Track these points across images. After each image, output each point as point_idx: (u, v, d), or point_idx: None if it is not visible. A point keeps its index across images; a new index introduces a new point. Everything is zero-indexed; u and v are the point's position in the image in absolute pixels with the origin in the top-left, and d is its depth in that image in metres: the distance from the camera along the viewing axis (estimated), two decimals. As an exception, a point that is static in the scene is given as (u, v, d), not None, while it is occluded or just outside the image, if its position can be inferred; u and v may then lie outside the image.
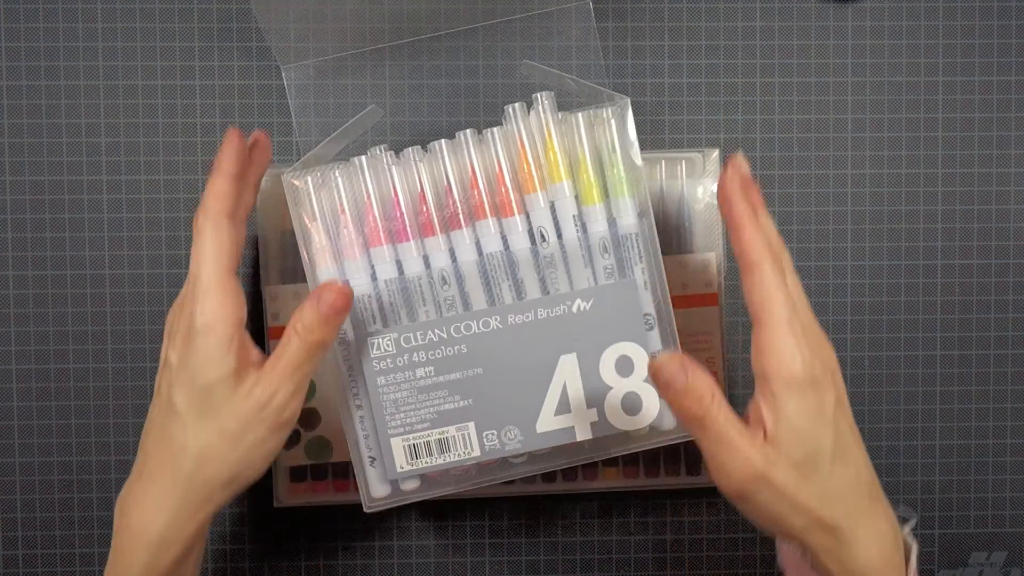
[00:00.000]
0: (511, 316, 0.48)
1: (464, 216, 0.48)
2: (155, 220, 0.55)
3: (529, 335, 0.48)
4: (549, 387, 0.49)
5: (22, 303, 0.55)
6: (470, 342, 0.48)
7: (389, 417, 0.49)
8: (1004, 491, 0.57)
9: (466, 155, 0.48)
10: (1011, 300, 0.56)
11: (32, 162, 0.55)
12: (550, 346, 0.48)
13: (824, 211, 0.56)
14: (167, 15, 0.55)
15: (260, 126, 0.55)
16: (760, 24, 0.56)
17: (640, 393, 0.49)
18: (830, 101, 0.56)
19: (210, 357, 0.42)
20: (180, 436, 0.43)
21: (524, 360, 0.48)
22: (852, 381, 0.56)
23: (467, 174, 0.48)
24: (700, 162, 0.54)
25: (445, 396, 0.49)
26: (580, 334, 0.48)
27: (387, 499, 0.50)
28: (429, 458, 0.49)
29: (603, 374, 0.49)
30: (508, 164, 0.48)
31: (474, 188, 0.48)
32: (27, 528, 0.56)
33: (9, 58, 0.55)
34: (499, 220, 0.48)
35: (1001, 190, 0.56)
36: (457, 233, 0.48)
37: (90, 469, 0.55)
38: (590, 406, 0.49)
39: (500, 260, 0.48)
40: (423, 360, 0.48)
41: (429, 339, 0.48)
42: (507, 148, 0.48)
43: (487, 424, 0.49)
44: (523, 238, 0.48)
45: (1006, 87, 0.56)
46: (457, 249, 0.48)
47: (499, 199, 0.48)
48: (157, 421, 0.44)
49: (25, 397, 0.55)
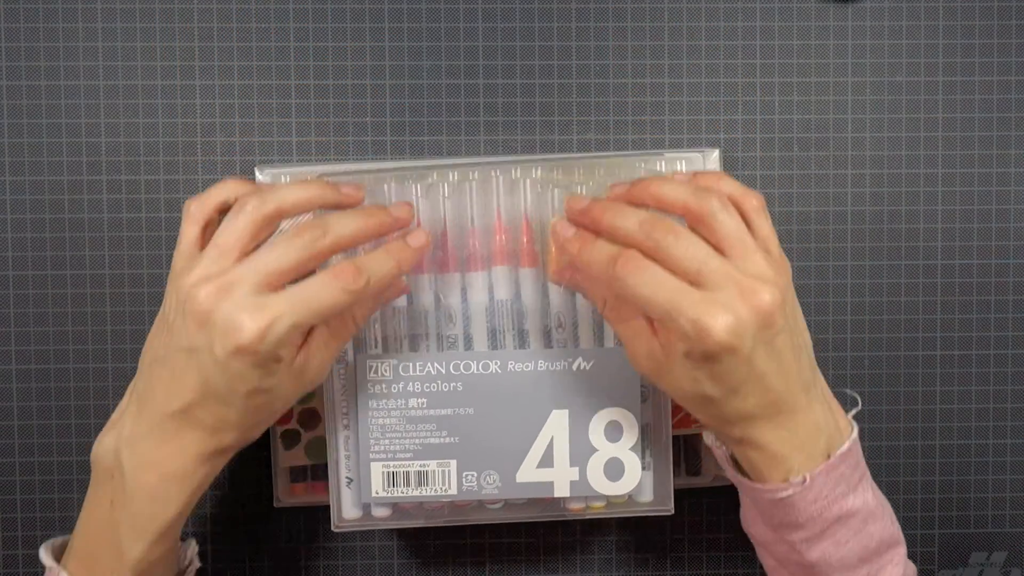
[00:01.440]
0: (511, 363, 0.49)
1: (482, 259, 0.49)
2: (155, 220, 0.55)
3: (526, 384, 0.49)
4: (536, 439, 0.50)
5: (22, 303, 0.55)
6: (467, 381, 0.49)
7: (374, 441, 0.49)
8: (1004, 491, 0.57)
9: (495, 200, 0.49)
10: (1011, 300, 0.56)
11: (32, 162, 0.55)
12: (544, 399, 0.49)
13: (824, 211, 0.56)
14: (167, 15, 0.55)
15: (260, 126, 0.55)
16: (760, 24, 0.56)
17: (624, 461, 0.50)
18: (830, 101, 0.56)
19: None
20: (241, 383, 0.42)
21: (516, 408, 0.49)
22: (852, 381, 0.56)
23: (492, 219, 0.49)
24: (700, 162, 0.54)
25: (432, 430, 0.49)
26: (576, 392, 0.49)
27: (357, 522, 0.51)
28: (406, 488, 0.50)
29: (591, 435, 0.49)
30: (536, 216, 0.49)
31: (498, 234, 0.49)
32: (27, 528, 0.56)
33: (9, 58, 0.55)
34: (516, 269, 0.49)
35: (1001, 190, 0.56)
36: (473, 275, 0.49)
37: (90, 469, 0.55)
38: (573, 464, 0.49)
39: (509, 308, 0.49)
40: (417, 391, 0.49)
41: (427, 372, 0.49)
42: (536, 200, 0.49)
43: (469, 465, 0.49)
44: (536, 290, 0.49)
45: (1006, 87, 0.56)
46: (470, 290, 0.49)
47: (521, 248, 0.49)
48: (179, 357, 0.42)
49: (25, 397, 0.55)
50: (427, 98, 0.55)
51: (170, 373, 0.42)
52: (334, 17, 0.55)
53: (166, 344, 0.43)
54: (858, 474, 0.45)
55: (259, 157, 0.55)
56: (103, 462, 0.44)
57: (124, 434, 0.44)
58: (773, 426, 0.43)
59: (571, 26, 0.55)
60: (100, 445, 0.45)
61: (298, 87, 0.55)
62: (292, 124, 0.55)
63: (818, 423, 0.44)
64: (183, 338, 0.42)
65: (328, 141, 0.55)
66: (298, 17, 0.55)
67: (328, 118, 0.55)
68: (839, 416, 0.46)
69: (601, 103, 0.56)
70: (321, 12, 0.55)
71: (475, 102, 0.55)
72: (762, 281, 0.41)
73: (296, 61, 0.55)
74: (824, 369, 0.56)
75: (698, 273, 0.41)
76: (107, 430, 0.45)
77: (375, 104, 0.55)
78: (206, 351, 0.41)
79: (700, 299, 0.40)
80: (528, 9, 0.55)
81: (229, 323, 0.40)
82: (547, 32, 0.55)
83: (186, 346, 0.42)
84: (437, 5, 0.55)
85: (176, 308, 0.42)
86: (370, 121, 0.55)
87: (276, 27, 0.55)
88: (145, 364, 0.44)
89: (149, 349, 0.44)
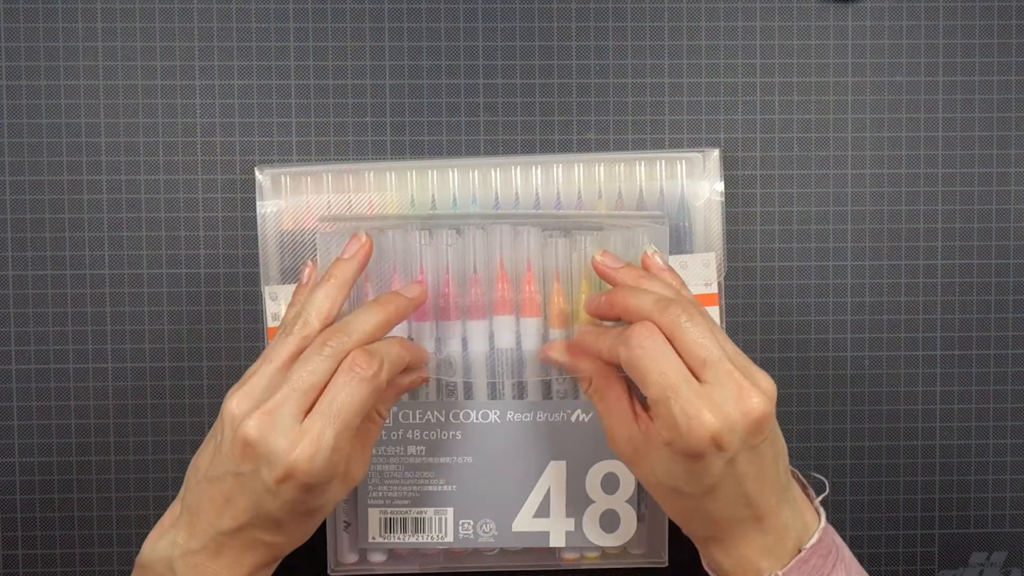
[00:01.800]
0: (510, 413, 0.50)
1: (483, 308, 0.49)
2: (155, 220, 0.55)
3: (524, 434, 0.50)
4: (533, 489, 0.50)
5: (22, 303, 0.55)
6: (466, 430, 0.50)
7: (372, 487, 0.50)
8: (1004, 491, 0.57)
9: (498, 250, 0.49)
10: (1011, 300, 0.56)
11: (32, 162, 0.55)
12: (542, 449, 0.50)
13: (824, 211, 0.56)
14: (167, 15, 0.55)
15: (260, 126, 0.55)
16: (760, 24, 0.56)
17: (620, 512, 0.50)
18: (830, 101, 0.56)
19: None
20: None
21: (514, 458, 0.50)
22: (852, 381, 0.56)
23: (495, 268, 0.49)
24: (700, 162, 0.54)
25: (430, 478, 0.50)
26: (574, 444, 0.50)
27: (353, 566, 0.51)
28: (403, 534, 0.50)
29: (588, 487, 0.50)
30: (538, 265, 0.49)
31: (500, 283, 0.49)
32: (27, 528, 0.56)
33: (9, 58, 0.55)
34: (518, 319, 0.49)
35: (1001, 190, 0.56)
36: (474, 323, 0.49)
37: (90, 469, 0.55)
38: (569, 515, 0.50)
39: (509, 357, 0.49)
40: (417, 439, 0.50)
41: (427, 420, 0.50)
42: (539, 250, 0.49)
43: (465, 513, 0.50)
44: (537, 340, 0.49)
45: (1006, 87, 0.56)
46: (470, 338, 0.49)
47: (523, 297, 0.49)
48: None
49: (25, 397, 0.55)
50: (427, 98, 0.55)
51: (221, 495, 0.42)
52: (334, 17, 0.55)
53: (215, 464, 0.42)
54: (831, 560, 0.44)
55: (259, 157, 0.55)
56: (155, 568, 0.43)
57: (178, 543, 0.43)
58: (743, 530, 0.43)
59: (571, 26, 0.55)
60: (152, 551, 0.44)
61: (298, 87, 0.55)
62: (292, 124, 0.55)
63: (786, 523, 0.44)
64: (231, 463, 0.42)
65: (328, 141, 0.55)
66: (298, 17, 0.55)
67: (328, 118, 0.55)
68: (805, 510, 0.45)
69: (601, 103, 0.56)
70: (321, 12, 0.55)
71: (475, 102, 0.55)
72: (759, 388, 0.41)
73: (296, 61, 0.55)
74: (824, 369, 0.56)
75: (703, 363, 0.41)
76: (158, 535, 0.44)
77: (375, 104, 0.55)
78: (256, 479, 0.41)
79: (699, 394, 0.40)
80: (528, 9, 0.55)
81: (276, 456, 0.40)
82: (547, 32, 0.55)
83: (234, 471, 0.42)
84: (437, 5, 0.55)
85: (227, 432, 0.42)
86: (370, 121, 0.55)
87: (276, 27, 0.55)
88: (193, 480, 0.44)
89: (198, 465, 0.44)
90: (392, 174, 0.53)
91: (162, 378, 0.55)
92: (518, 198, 0.54)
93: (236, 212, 0.55)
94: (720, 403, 0.40)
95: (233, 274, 0.55)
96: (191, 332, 0.55)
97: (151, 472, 0.56)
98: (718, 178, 0.54)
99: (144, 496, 0.56)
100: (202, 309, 0.55)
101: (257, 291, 0.55)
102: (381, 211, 0.53)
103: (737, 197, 0.56)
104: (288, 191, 0.53)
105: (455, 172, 0.54)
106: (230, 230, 0.55)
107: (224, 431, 0.42)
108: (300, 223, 0.53)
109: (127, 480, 0.55)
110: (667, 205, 0.54)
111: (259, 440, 0.41)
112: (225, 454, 0.42)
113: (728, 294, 0.55)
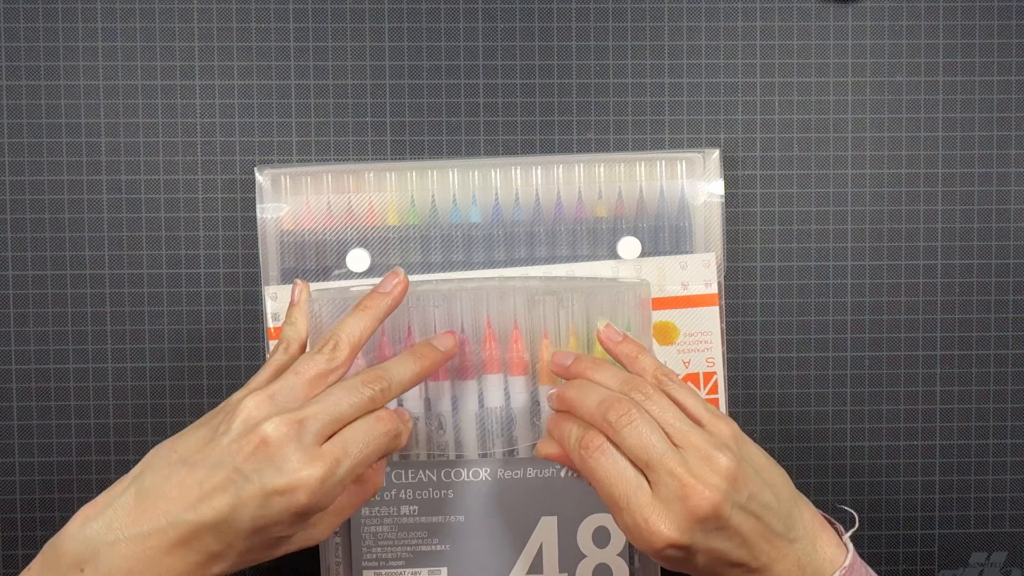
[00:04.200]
0: (501, 470, 0.50)
1: (473, 368, 0.50)
2: (155, 220, 0.55)
3: (515, 492, 0.50)
4: (526, 545, 0.51)
5: (22, 303, 0.55)
6: (457, 489, 0.50)
7: (366, 549, 0.50)
8: (1004, 491, 0.57)
9: (485, 309, 0.50)
10: (1011, 300, 0.56)
11: (32, 162, 0.55)
12: (534, 506, 0.50)
13: (824, 211, 0.56)
14: (167, 15, 0.55)
15: (260, 126, 0.55)
16: (760, 24, 0.56)
17: (612, 566, 0.51)
18: (830, 101, 0.56)
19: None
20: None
21: (506, 515, 0.50)
22: (852, 381, 0.56)
23: (482, 328, 0.50)
24: (700, 162, 0.54)
25: (424, 537, 0.50)
26: (564, 499, 0.50)
27: None
28: None
29: (580, 542, 0.51)
30: (526, 324, 0.50)
31: (488, 342, 0.50)
32: (27, 528, 0.56)
33: (9, 58, 0.55)
34: (506, 377, 0.50)
35: (1001, 190, 0.56)
36: (463, 383, 0.50)
37: (90, 469, 0.55)
38: (562, 570, 0.51)
39: (499, 415, 0.50)
40: (409, 499, 0.50)
41: (419, 479, 0.50)
42: (527, 308, 0.50)
43: (460, 572, 0.50)
44: (526, 397, 0.50)
45: (1006, 87, 0.56)
46: (460, 398, 0.50)
47: (511, 356, 0.49)
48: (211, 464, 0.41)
49: (25, 397, 0.55)
50: (427, 98, 0.55)
51: (197, 482, 0.40)
52: (334, 17, 0.55)
53: (205, 453, 0.41)
54: None
55: (259, 157, 0.55)
56: (72, 553, 0.40)
57: (115, 526, 0.40)
58: None
59: (571, 26, 0.55)
60: (80, 532, 0.40)
61: (298, 87, 0.55)
62: (292, 124, 0.55)
63: (800, 561, 0.43)
64: (230, 456, 0.40)
65: (328, 141, 0.55)
66: (298, 17, 0.55)
67: (328, 118, 0.55)
68: (827, 546, 0.44)
69: (601, 103, 0.56)
70: (321, 12, 0.55)
71: (475, 102, 0.55)
72: (703, 481, 0.41)
73: (296, 61, 0.55)
74: (824, 369, 0.56)
75: (647, 465, 0.41)
76: (92, 514, 0.41)
77: (375, 104, 0.55)
78: (253, 480, 0.40)
79: (648, 502, 0.41)
80: (528, 9, 0.55)
81: (287, 465, 0.40)
82: (547, 32, 0.55)
83: (231, 465, 0.40)
84: (437, 5, 0.55)
85: (235, 426, 0.41)
86: (370, 121, 0.55)
87: (276, 27, 0.55)
88: (164, 463, 0.41)
89: (177, 447, 0.42)
90: (392, 174, 0.53)
91: (162, 378, 0.55)
92: (518, 198, 0.54)
93: (236, 212, 0.55)
94: (669, 506, 0.41)
95: (233, 274, 0.55)
96: (191, 332, 0.55)
97: (151, 472, 0.56)
98: (718, 178, 0.54)
99: (144, 496, 0.56)
100: (202, 309, 0.55)
101: (257, 291, 0.55)
102: (382, 220, 0.53)
103: (737, 197, 0.56)
104: (288, 191, 0.53)
105: (455, 172, 0.54)
106: (230, 230, 0.55)
107: (233, 424, 0.41)
108: (300, 223, 0.53)
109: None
110: (667, 205, 0.54)
111: (277, 444, 0.40)
112: (228, 446, 0.40)
113: (728, 294, 0.55)
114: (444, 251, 0.53)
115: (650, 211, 0.54)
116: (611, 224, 0.54)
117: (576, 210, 0.54)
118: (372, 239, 0.53)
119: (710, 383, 0.54)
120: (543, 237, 0.54)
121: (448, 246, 0.53)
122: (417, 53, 0.55)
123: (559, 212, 0.54)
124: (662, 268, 0.53)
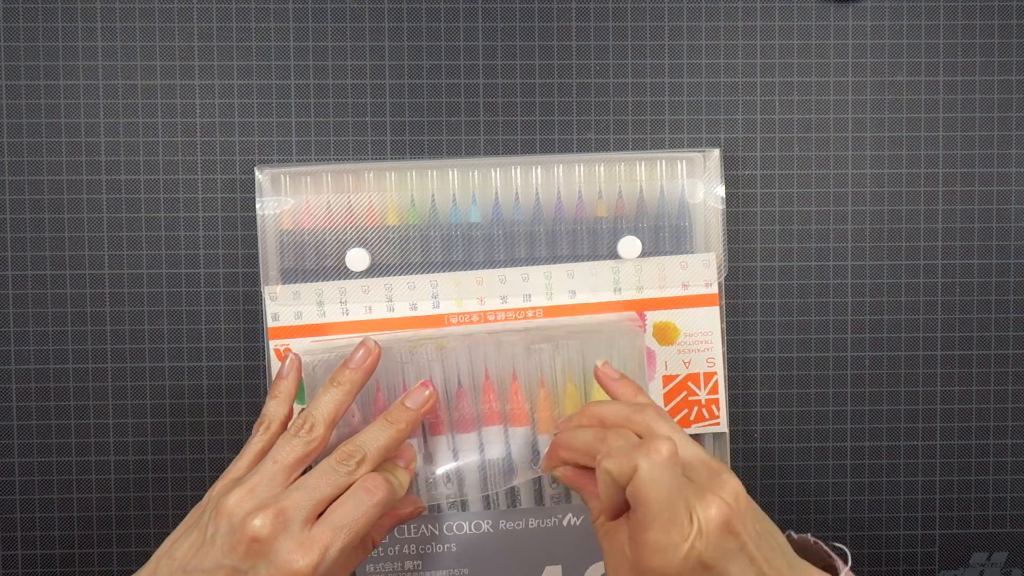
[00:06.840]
0: (503, 522, 0.50)
1: (472, 420, 0.50)
2: (155, 220, 0.55)
3: (518, 542, 0.50)
4: None
5: (22, 303, 0.55)
6: (460, 542, 0.50)
7: None
8: (1004, 491, 0.57)
9: (482, 361, 0.50)
10: (1011, 300, 0.56)
11: (32, 162, 0.55)
12: (537, 556, 0.50)
13: (824, 211, 0.56)
14: (167, 15, 0.55)
15: (260, 126, 0.55)
16: (760, 24, 0.56)
17: None
18: (830, 101, 0.56)
19: None
20: None
21: (510, 566, 0.50)
22: (852, 381, 0.56)
23: (480, 379, 0.50)
24: (700, 162, 0.54)
25: None
26: (568, 548, 0.50)
27: None
28: None
29: None
30: (524, 374, 0.50)
31: (486, 394, 0.50)
32: (27, 528, 0.56)
33: (9, 58, 0.55)
34: (506, 428, 0.50)
35: (1001, 190, 0.56)
36: (463, 436, 0.50)
37: (90, 469, 0.55)
38: None
39: (500, 466, 0.50)
40: (412, 553, 0.50)
41: (421, 533, 0.50)
42: (524, 359, 0.50)
43: None
44: (526, 448, 0.50)
45: (1006, 87, 0.56)
46: (460, 451, 0.50)
47: (510, 407, 0.50)
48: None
49: (25, 397, 0.55)
50: (427, 98, 0.55)
51: None
52: (334, 17, 0.55)
53: (200, 558, 0.42)
54: None
55: (259, 157, 0.55)
56: None
57: None
58: None
59: (571, 26, 0.55)
60: None
61: (298, 87, 0.55)
62: (292, 124, 0.55)
63: None
64: (227, 558, 0.41)
65: (328, 141, 0.55)
66: (298, 17, 0.55)
67: (328, 118, 0.55)
68: None
69: (601, 103, 0.56)
70: (321, 12, 0.55)
71: (475, 102, 0.55)
72: (718, 496, 0.40)
73: (296, 61, 0.55)
74: (824, 369, 0.56)
75: None
76: None
77: (375, 104, 0.55)
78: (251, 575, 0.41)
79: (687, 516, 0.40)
80: (528, 9, 0.55)
81: (280, 557, 0.41)
82: (547, 32, 0.55)
83: (230, 565, 0.41)
84: (437, 5, 0.55)
85: (222, 527, 0.42)
86: (370, 121, 0.55)
87: (276, 27, 0.55)
88: (167, 570, 0.43)
89: (175, 555, 0.43)
90: (392, 174, 0.53)
91: (162, 378, 0.55)
92: (518, 198, 0.54)
93: (236, 212, 0.55)
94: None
95: (233, 274, 0.55)
96: (191, 332, 0.55)
97: (151, 472, 0.56)
98: (718, 178, 0.54)
99: (144, 496, 0.56)
100: (202, 309, 0.55)
101: (257, 291, 0.55)
102: (382, 219, 0.53)
103: (737, 197, 0.56)
104: (288, 191, 0.53)
105: (455, 172, 0.54)
106: (230, 230, 0.55)
107: (221, 525, 0.42)
108: (300, 223, 0.53)
109: (127, 480, 0.55)
110: (667, 205, 0.54)
111: (267, 539, 0.41)
112: (221, 547, 0.42)
113: (728, 294, 0.55)
114: (444, 251, 0.53)
115: (650, 211, 0.54)
116: (611, 224, 0.54)
117: (576, 210, 0.54)
118: (372, 239, 0.53)
119: (710, 383, 0.54)
120: (543, 237, 0.54)
121: (448, 246, 0.53)
122: (417, 53, 0.55)
123: (559, 212, 0.54)
124: (662, 268, 0.53)
